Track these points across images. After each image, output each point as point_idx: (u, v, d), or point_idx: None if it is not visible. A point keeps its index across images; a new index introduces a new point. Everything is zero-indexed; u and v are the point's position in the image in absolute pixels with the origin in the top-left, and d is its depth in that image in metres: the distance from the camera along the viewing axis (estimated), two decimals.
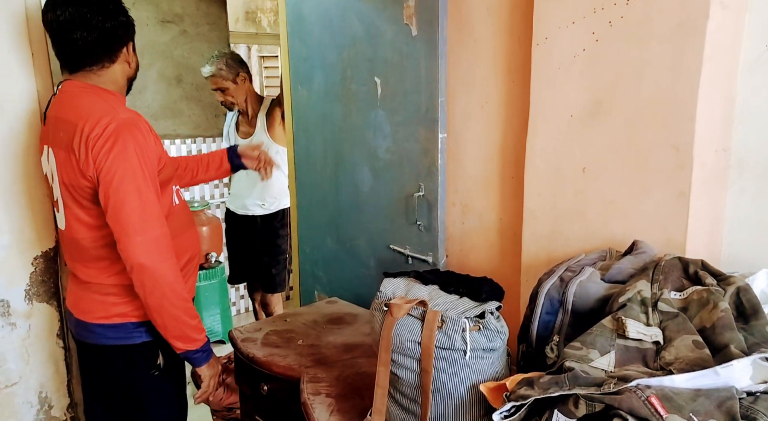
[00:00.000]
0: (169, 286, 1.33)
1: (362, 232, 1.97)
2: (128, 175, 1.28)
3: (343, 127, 1.98)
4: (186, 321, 1.39)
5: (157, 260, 1.30)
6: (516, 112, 1.47)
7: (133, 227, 1.28)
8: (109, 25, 1.36)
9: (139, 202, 1.28)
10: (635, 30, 1.14)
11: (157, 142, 1.40)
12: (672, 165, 1.12)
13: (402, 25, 1.65)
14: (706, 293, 0.90)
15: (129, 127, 1.30)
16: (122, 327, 1.44)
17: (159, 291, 1.32)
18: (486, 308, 1.06)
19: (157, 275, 1.31)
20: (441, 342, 1.03)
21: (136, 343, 1.46)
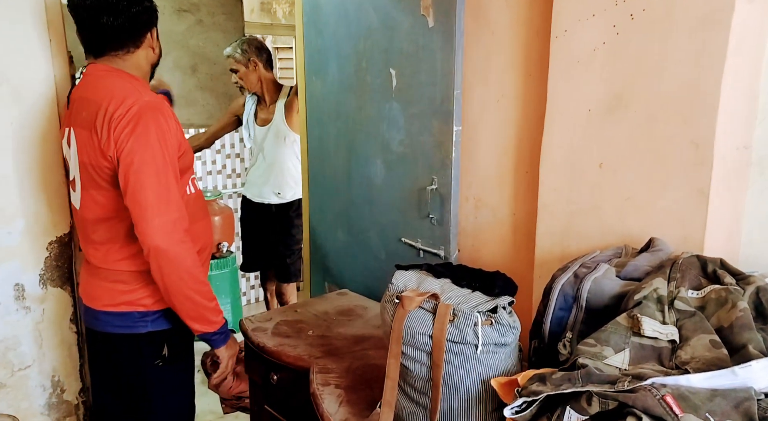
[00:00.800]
0: (186, 269, 1.34)
1: (374, 224, 1.97)
2: (148, 157, 1.29)
3: (356, 118, 1.97)
4: (203, 303, 1.40)
5: (175, 243, 1.31)
6: (532, 105, 1.45)
7: (152, 209, 1.28)
8: (135, 10, 1.38)
9: (158, 185, 1.29)
10: (657, 23, 1.12)
11: (178, 129, 1.41)
12: (691, 161, 1.10)
13: (418, 16, 1.63)
14: (724, 292, 0.88)
15: (152, 110, 1.31)
16: (128, 316, 1.45)
17: (176, 274, 1.33)
18: (498, 302, 1.05)
19: (175, 257, 1.32)
20: (452, 336, 1.02)
21: (141, 333, 1.46)
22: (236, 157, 3.94)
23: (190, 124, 3.69)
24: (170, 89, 2.00)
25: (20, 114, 1.60)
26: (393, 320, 1.09)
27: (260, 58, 2.83)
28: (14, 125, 1.59)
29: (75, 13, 1.38)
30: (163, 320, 1.47)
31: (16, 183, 1.61)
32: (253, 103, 2.99)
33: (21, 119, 1.60)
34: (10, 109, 1.58)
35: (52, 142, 1.65)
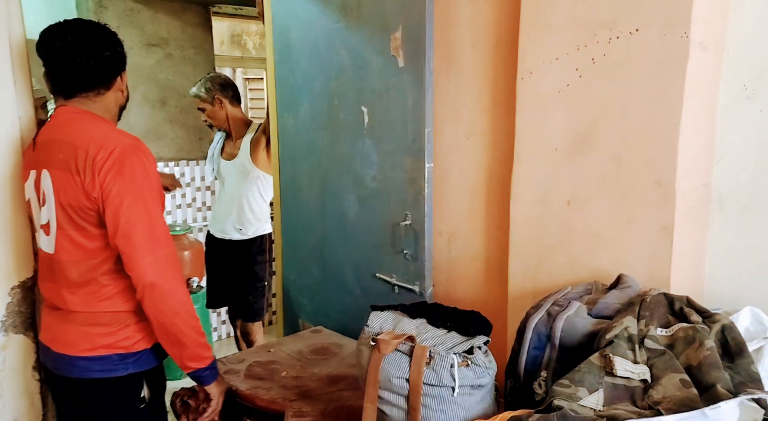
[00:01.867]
0: (180, 303, 1.34)
1: (348, 260, 1.96)
2: (137, 196, 1.31)
3: (329, 155, 1.98)
4: (197, 339, 1.38)
5: (169, 278, 1.32)
6: (502, 143, 1.48)
7: (144, 246, 1.29)
8: (108, 54, 1.42)
9: (149, 223, 1.31)
10: (617, 67, 1.17)
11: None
12: (655, 199, 1.13)
13: (389, 55, 1.67)
14: (691, 330, 0.91)
15: (134, 150, 1.34)
16: (107, 359, 1.41)
17: (172, 310, 1.33)
18: (474, 343, 1.06)
19: (170, 292, 1.32)
20: (429, 379, 1.02)
21: (121, 375, 1.42)
22: (206, 190, 3.90)
23: (159, 157, 3.64)
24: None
25: None
26: (369, 364, 1.09)
27: (225, 94, 2.83)
28: None
29: (46, 53, 1.39)
30: (143, 360, 1.44)
31: None
32: (220, 138, 2.99)
33: None
34: None
35: (15, 185, 1.61)
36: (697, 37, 1.08)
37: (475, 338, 1.08)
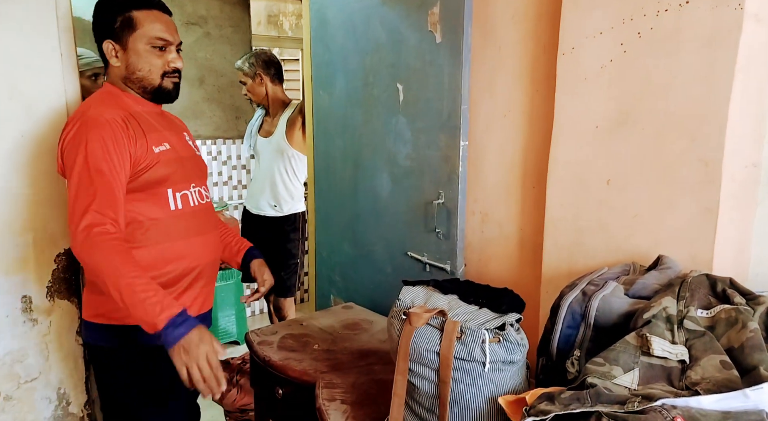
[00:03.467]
0: (101, 270, 1.24)
1: (380, 238, 1.97)
2: (71, 165, 1.33)
3: (363, 132, 1.98)
4: (131, 300, 1.21)
5: (83, 250, 1.26)
6: (539, 121, 1.46)
7: (69, 216, 1.31)
8: (94, 19, 1.46)
9: (75, 194, 1.31)
10: (665, 42, 1.13)
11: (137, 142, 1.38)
12: (700, 179, 1.10)
13: (426, 31, 1.64)
14: (734, 312, 0.88)
15: (86, 123, 1.35)
16: (99, 328, 1.46)
17: (96, 276, 1.27)
18: (506, 319, 1.05)
19: (86, 262, 1.30)
20: (460, 353, 1.02)
21: (113, 346, 1.45)
22: (242, 169, 3.96)
23: (197, 135, 3.71)
24: None
25: (31, 127, 1.61)
26: (400, 336, 1.09)
27: (267, 72, 2.87)
28: (25, 138, 1.61)
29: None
30: (103, 333, 1.45)
31: (24, 196, 1.62)
32: (260, 115, 3.05)
33: (31, 132, 1.61)
34: (21, 123, 1.60)
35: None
36: (753, 9, 1.03)
37: (508, 315, 1.07)
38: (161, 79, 1.45)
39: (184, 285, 1.49)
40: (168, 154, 1.45)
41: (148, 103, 1.49)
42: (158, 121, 1.50)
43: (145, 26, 1.40)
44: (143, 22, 1.40)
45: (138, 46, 1.41)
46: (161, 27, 1.42)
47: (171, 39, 1.44)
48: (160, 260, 1.44)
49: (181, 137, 1.57)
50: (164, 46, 1.43)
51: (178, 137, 1.55)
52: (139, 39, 1.41)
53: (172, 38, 1.44)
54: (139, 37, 1.41)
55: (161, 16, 1.44)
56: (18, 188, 1.61)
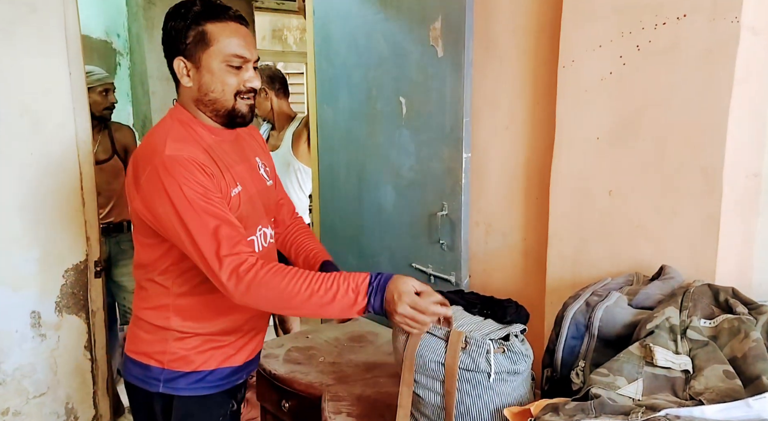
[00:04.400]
0: (270, 303, 1.16)
1: (384, 249, 1.98)
2: (176, 213, 1.18)
3: (367, 145, 2.00)
4: (317, 305, 1.11)
5: (240, 293, 1.13)
6: (541, 133, 1.47)
7: (204, 269, 1.17)
8: (164, 33, 1.24)
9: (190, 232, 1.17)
10: (664, 54, 1.14)
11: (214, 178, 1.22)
12: (701, 189, 1.10)
13: (428, 46, 1.67)
14: (737, 321, 0.88)
15: (169, 166, 1.18)
16: (143, 367, 1.32)
17: (281, 311, 1.19)
18: (511, 330, 1.06)
19: (252, 303, 1.16)
20: (465, 364, 1.03)
21: (154, 391, 1.31)
22: None
23: None
24: None
25: (40, 144, 1.64)
26: (405, 347, 1.10)
27: (272, 87, 2.90)
28: (34, 155, 1.64)
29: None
30: (175, 383, 1.30)
31: (33, 211, 1.65)
32: (266, 129, 3.07)
33: (41, 149, 1.64)
34: (30, 139, 1.63)
35: (70, 171, 1.69)
36: (749, 22, 1.04)
37: (512, 325, 1.08)
38: (234, 101, 1.25)
39: (233, 339, 1.34)
40: (241, 196, 1.28)
41: (221, 131, 1.29)
42: (233, 153, 1.31)
43: (220, 41, 1.21)
44: (218, 36, 1.21)
45: (212, 64, 1.21)
46: (239, 42, 1.22)
47: (249, 55, 1.23)
48: (210, 312, 1.29)
49: (253, 167, 1.38)
50: (241, 65, 1.23)
51: (251, 168, 1.36)
52: (214, 56, 1.21)
53: (250, 55, 1.24)
54: (213, 54, 1.21)
55: (239, 28, 1.23)
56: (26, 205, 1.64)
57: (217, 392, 1.34)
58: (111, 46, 3.67)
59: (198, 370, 1.31)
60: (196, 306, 1.28)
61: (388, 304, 1.09)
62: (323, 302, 1.10)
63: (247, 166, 1.35)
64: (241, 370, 1.39)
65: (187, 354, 1.30)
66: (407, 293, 1.09)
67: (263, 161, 1.44)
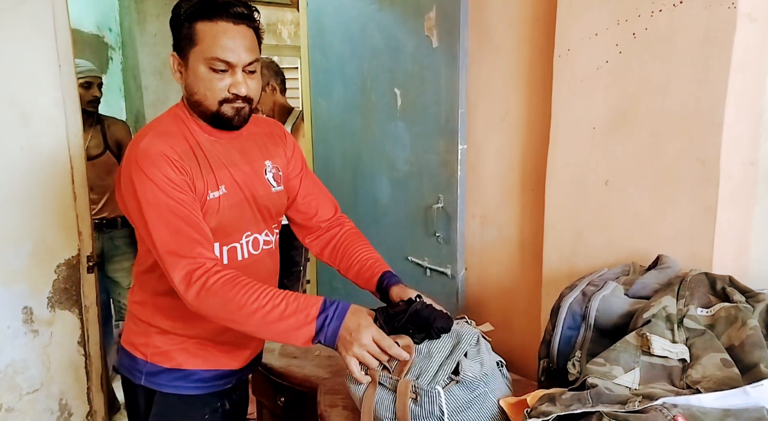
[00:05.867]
0: (223, 316, 1.09)
1: (380, 243, 1.96)
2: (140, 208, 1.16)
3: (362, 138, 1.98)
4: (269, 334, 1.09)
5: (193, 299, 1.09)
6: (537, 123, 1.46)
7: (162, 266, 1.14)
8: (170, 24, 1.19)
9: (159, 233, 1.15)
10: (660, 42, 1.13)
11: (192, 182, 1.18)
12: (698, 178, 1.10)
13: (423, 36, 1.65)
14: (734, 310, 0.88)
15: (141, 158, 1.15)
16: (130, 357, 1.31)
17: (221, 320, 1.10)
18: (460, 359, 1.00)
19: (203, 313, 1.11)
20: (417, 414, 0.99)
21: (137, 383, 1.30)
22: None
23: None
24: None
25: (30, 138, 1.62)
26: (362, 401, 1.06)
27: (277, 81, 2.87)
28: (24, 149, 1.62)
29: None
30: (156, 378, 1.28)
31: (23, 206, 1.63)
32: None
33: (31, 143, 1.62)
34: (20, 133, 1.61)
35: (61, 165, 1.67)
36: (746, 9, 1.03)
37: (459, 352, 1.01)
38: (219, 106, 1.17)
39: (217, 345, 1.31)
40: (222, 200, 1.22)
41: (216, 131, 1.24)
42: (228, 154, 1.25)
43: (205, 42, 1.12)
44: (204, 36, 1.12)
45: (197, 65, 1.14)
46: (224, 44, 1.12)
47: (234, 60, 1.13)
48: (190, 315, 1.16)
49: (255, 170, 1.30)
50: (226, 69, 1.15)
51: (250, 172, 1.28)
52: (198, 57, 1.14)
53: (237, 59, 1.13)
54: (197, 55, 1.14)
55: (229, 29, 1.13)
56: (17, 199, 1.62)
57: (201, 394, 1.30)
58: (103, 40, 3.64)
59: (179, 368, 1.28)
60: (174, 307, 1.22)
61: (343, 337, 1.03)
62: (268, 320, 1.04)
63: (245, 169, 1.27)
64: (230, 375, 1.34)
65: (169, 350, 1.28)
66: (370, 327, 1.04)
67: (276, 164, 1.35)
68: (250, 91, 1.18)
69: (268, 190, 1.32)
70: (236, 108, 1.18)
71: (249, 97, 1.18)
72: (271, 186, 1.33)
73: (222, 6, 1.12)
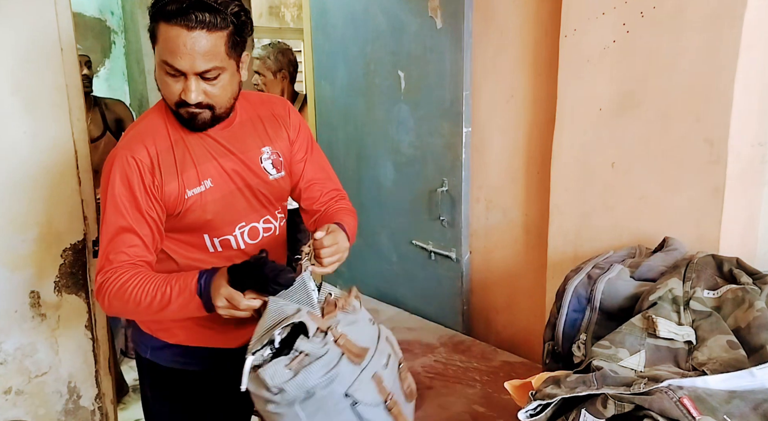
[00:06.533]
0: (118, 313, 1.21)
1: (384, 227, 1.96)
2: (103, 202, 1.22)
3: (365, 121, 1.97)
4: (157, 309, 1.13)
5: (99, 298, 1.17)
6: (543, 105, 1.44)
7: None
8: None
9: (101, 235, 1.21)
10: (668, 20, 1.11)
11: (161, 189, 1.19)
12: (706, 159, 1.08)
13: (426, 17, 1.63)
14: (741, 291, 0.87)
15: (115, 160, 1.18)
16: (139, 331, 1.37)
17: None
18: (274, 334, 0.93)
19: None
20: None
21: (143, 356, 1.36)
22: None
23: None
24: None
25: (33, 123, 1.61)
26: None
27: (289, 70, 2.81)
28: (27, 134, 1.61)
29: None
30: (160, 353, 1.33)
31: (28, 192, 1.63)
32: None
33: (34, 128, 1.61)
34: (23, 118, 1.60)
35: (64, 150, 1.67)
36: None
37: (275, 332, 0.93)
38: (176, 107, 1.16)
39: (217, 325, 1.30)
40: (207, 195, 1.21)
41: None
42: (215, 146, 1.23)
43: (160, 44, 1.10)
44: (160, 38, 1.10)
45: (157, 62, 1.13)
46: (174, 50, 1.08)
47: (185, 68, 1.09)
48: None
49: (249, 159, 1.27)
50: (176, 74, 1.12)
51: (241, 161, 1.26)
52: (157, 56, 1.12)
53: (187, 67, 1.09)
54: (157, 54, 1.12)
55: (182, 34, 1.07)
56: (22, 184, 1.62)
57: (201, 370, 1.33)
58: (105, 24, 3.61)
59: (181, 344, 1.31)
60: None
61: (213, 302, 1.08)
62: (163, 305, 1.11)
63: (237, 159, 1.25)
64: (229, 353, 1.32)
65: (171, 327, 1.31)
66: (220, 289, 1.07)
67: (276, 149, 1.31)
68: (209, 98, 1.13)
69: (265, 178, 1.30)
70: (191, 113, 1.15)
71: (204, 104, 1.14)
72: (268, 174, 1.30)
73: (180, 10, 1.06)
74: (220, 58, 1.12)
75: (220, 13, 1.09)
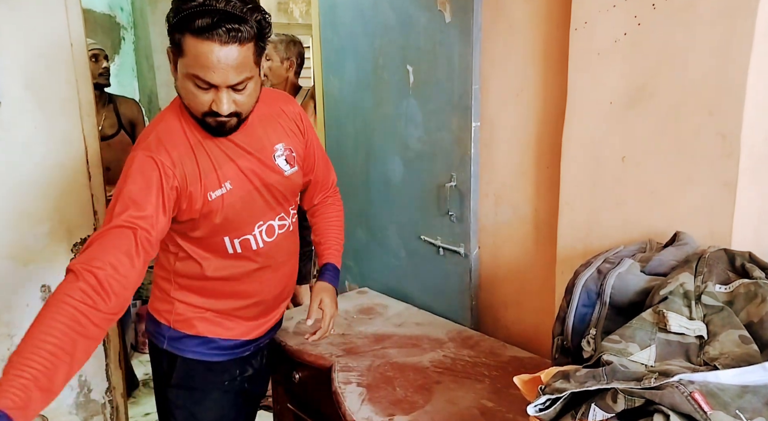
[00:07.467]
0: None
1: (393, 222, 1.96)
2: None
3: (374, 116, 1.97)
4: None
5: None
6: (552, 99, 1.43)
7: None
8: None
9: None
10: (680, 12, 1.10)
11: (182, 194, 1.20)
12: (718, 153, 1.07)
13: (435, 11, 1.62)
14: (753, 286, 0.86)
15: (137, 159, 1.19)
16: (154, 322, 1.38)
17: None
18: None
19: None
20: None
21: (161, 347, 1.36)
22: None
23: None
24: None
25: (44, 118, 1.63)
26: None
27: (296, 61, 2.87)
28: (38, 129, 1.62)
29: None
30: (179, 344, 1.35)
31: (41, 187, 1.65)
32: None
33: (45, 123, 1.63)
34: (34, 114, 1.61)
35: (75, 146, 1.68)
36: None
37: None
38: (202, 116, 1.16)
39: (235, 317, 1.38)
40: (228, 197, 1.23)
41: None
42: (232, 146, 1.25)
43: (188, 57, 1.09)
44: (188, 51, 1.09)
45: (183, 74, 1.13)
46: (207, 65, 1.08)
47: (218, 82, 1.10)
48: (217, 294, 1.34)
49: (265, 158, 1.29)
50: (208, 87, 1.12)
51: (258, 160, 1.28)
52: (184, 67, 1.11)
53: (221, 81, 1.10)
54: (183, 66, 1.12)
55: (213, 50, 1.06)
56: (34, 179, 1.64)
57: (221, 361, 1.38)
58: (114, 20, 3.63)
59: (200, 335, 1.35)
60: (194, 287, 1.34)
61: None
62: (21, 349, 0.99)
63: (253, 158, 1.27)
64: (249, 343, 1.42)
65: (191, 318, 1.34)
66: None
67: (290, 145, 1.34)
68: (238, 107, 1.15)
69: (281, 174, 1.32)
70: (219, 122, 1.17)
71: (234, 112, 1.16)
72: (283, 170, 1.32)
73: (212, 25, 1.05)
74: (249, 67, 1.13)
75: (247, 23, 1.08)
